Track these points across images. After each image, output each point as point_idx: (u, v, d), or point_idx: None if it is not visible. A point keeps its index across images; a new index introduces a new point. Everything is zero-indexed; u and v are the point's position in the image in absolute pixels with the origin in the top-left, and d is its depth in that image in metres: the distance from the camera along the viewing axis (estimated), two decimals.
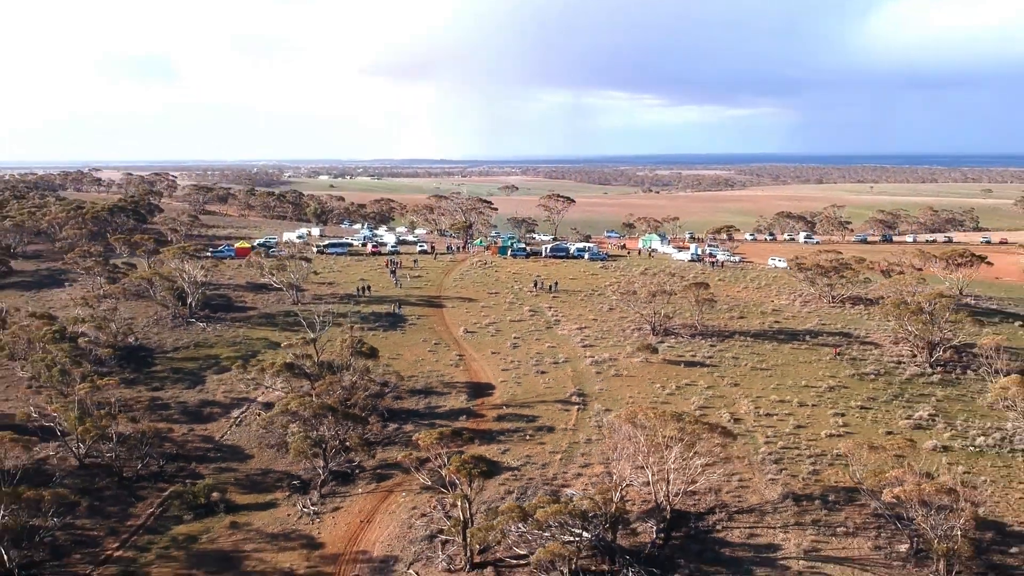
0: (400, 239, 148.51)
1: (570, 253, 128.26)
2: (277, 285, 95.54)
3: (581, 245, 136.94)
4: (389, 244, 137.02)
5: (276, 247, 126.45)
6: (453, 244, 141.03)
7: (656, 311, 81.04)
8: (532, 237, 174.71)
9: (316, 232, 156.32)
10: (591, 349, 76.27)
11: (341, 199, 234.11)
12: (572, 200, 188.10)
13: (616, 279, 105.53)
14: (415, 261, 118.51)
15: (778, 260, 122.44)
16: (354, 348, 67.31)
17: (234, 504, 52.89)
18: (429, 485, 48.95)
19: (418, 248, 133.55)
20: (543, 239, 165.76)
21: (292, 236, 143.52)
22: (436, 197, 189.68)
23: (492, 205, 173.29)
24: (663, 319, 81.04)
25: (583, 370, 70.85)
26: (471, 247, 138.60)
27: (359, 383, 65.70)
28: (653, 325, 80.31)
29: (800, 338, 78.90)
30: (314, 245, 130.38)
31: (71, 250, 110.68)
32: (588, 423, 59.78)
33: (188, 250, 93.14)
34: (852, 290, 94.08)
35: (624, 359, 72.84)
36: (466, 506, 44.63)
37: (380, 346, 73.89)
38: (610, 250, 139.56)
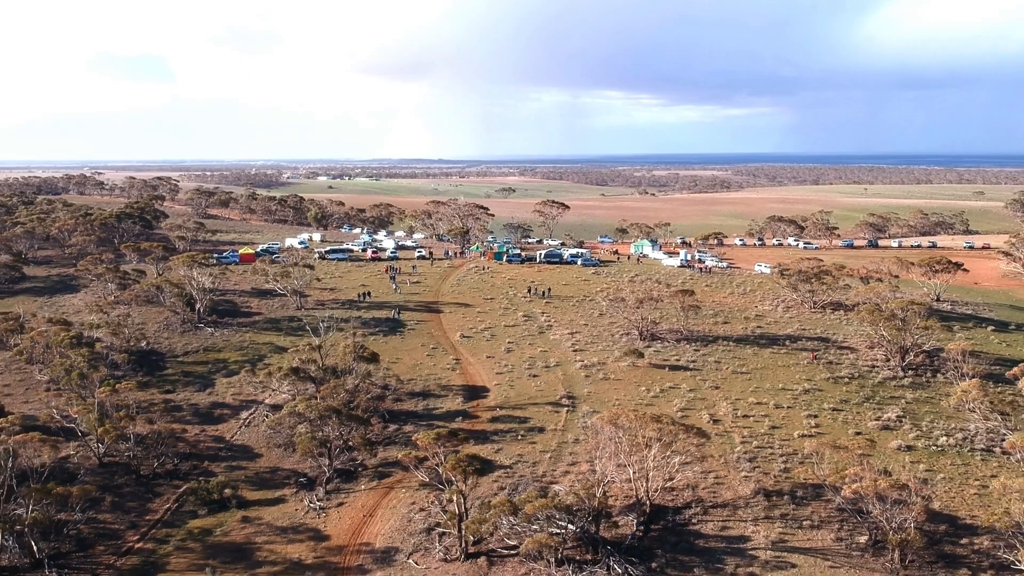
0: (399, 244, 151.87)
1: (564, 259, 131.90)
2: (281, 291, 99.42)
3: (574, 251, 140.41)
4: (388, 250, 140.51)
5: (279, 253, 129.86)
6: (450, 249, 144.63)
7: (644, 317, 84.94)
8: (536, 240, 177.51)
9: (317, 237, 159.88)
10: (581, 353, 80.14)
11: (341, 204, 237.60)
12: (566, 206, 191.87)
13: (607, 285, 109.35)
14: (414, 267, 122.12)
15: (764, 266, 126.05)
16: (356, 353, 71.12)
17: (245, 500, 56.80)
18: (427, 482, 52.84)
19: (416, 254, 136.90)
20: (551, 243, 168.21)
21: (294, 242, 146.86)
22: (434, 203, 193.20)
23: (488, 211, 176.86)
24: (650, 324, 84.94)
25: (573, 374, 74.73)
26: (468, 253, 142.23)
27: (361, 386, 69.72)
28: (641, 330, 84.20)
29: (780, 343, 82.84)
30: (316, 251, 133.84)
31: (81, 256, 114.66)
32: (576, 424, 63.68)
33: (197, 258, 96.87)
34: (832, 296, 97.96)
35: (612, 363, 76.73)
36: (461, 501, 48.44)
37: (380, 350, 77.71)
38: (603, 256, 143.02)
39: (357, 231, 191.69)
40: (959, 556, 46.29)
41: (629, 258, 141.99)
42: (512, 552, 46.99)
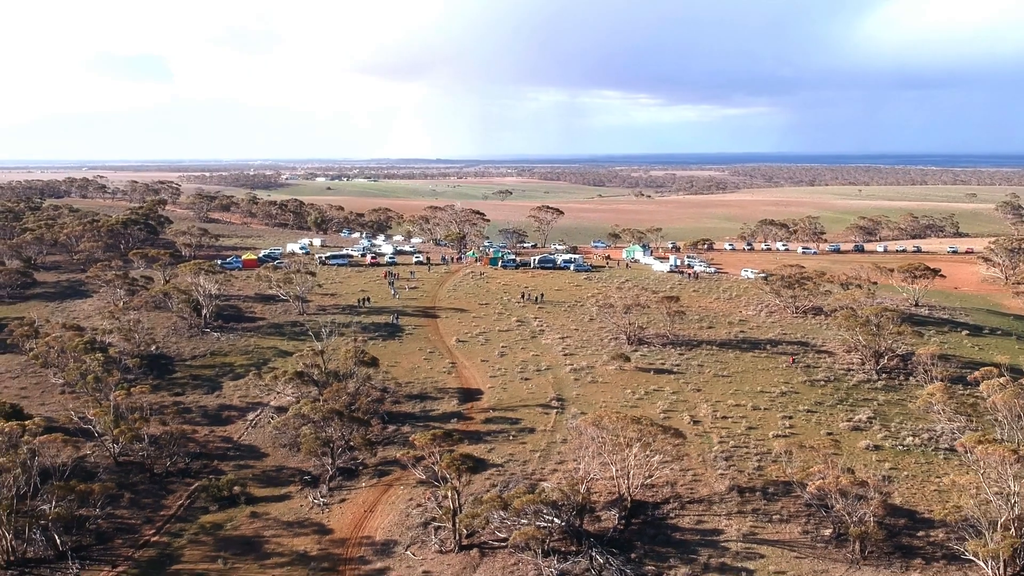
0: (397, 249, 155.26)
1: (557, 264, 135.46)
2: (284, 297, 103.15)
3: (567, 256, 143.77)
4: (387, 255, 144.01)
5: (282, 259, 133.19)
6: (447, 255, 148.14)
7: (631, 322, 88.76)
8: (531, 245, 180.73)
9: (318, 242, 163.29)
10: (571, 357, 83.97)
11: (340, 208, 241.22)
12: (560, 211, 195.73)
13: (598, 291, 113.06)
14: (412, 273, 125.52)
15: (750, 271, 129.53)
16: (357, 357, 74.91)
17: (253, 496, 60.67)
18: (424, 479, 56.60)
19: (414, 259, 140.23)
20: (557, 247, 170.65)
21: (295, 247, 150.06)
22: (432, 208, 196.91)
23: (485, 216, 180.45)
24: (638, 329, 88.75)
25: (563, 377, 78.56)
26: (464, 258, 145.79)
27: (362, 389, 73.66)
28: (628, 335, 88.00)
29: (761, 347, 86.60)
30: (316, 256, 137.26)
31: (89, 262, 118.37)
32: (565, 425, 67.48)
33: (203, 266, 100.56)
34: (813, 301, 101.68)
35: (600, 367, 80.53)
36: (455, 497, 52.24)
37: (379, 354, 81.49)
38: (595, 260, 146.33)
39: (356, 235, 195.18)
40: (915, 547, 50.12)
41: (619, 263, 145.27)
42: (502, 544, 50.78)
